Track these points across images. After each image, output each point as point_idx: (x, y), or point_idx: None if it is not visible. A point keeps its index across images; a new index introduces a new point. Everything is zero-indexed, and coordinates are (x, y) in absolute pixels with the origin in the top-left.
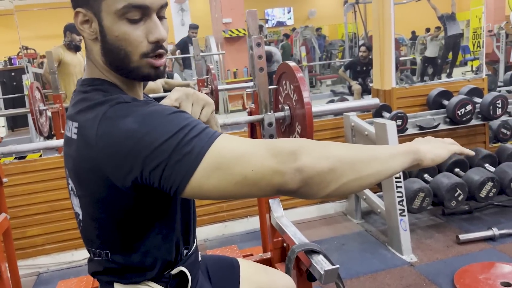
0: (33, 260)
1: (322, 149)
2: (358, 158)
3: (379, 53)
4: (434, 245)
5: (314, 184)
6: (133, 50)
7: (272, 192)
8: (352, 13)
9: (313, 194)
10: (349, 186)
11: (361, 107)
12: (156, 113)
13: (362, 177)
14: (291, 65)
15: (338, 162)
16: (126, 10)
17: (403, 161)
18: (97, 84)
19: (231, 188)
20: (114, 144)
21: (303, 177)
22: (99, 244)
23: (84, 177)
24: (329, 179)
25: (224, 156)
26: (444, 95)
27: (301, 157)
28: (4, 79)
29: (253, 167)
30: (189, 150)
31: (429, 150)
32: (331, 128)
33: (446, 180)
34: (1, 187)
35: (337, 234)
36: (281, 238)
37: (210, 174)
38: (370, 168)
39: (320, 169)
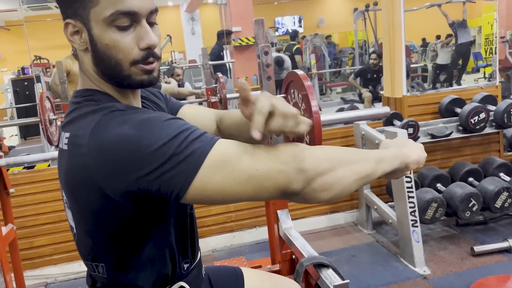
0: (41, 271)
1: (322, 151)
2: (355, 159)
3: (390, 60)
4: (448, 257)
5: (317, 185)
6: (123, 57)
7: (277, 193)
8: (362, 20)
9: (317, 197)
10: (350, 187)
11: (371, 116)
12: (152, 119)
13: (361, 178)
14: (299, 74)
15: (338, 163)
16: (114, 18)
17: (392, 163)
18: (89, 95)
19: (236, 187)
20: (108, 151)
21: (307, 177)
22: (93, 258)
23: (76, 188)
24: (331, 181)
25: (228, 154)
26: (457, 103)
27: (303, 159)
28: (17, 88)
29: (258, 167)
30: (190, 152)
31: (413, 151)
32: (341, 137)
33: (459, 190)
34: (8, 197)
35: (347, 245)
36: (290, 250)
37: (215, 173)
38: (366, 168)
39: (322, 170)
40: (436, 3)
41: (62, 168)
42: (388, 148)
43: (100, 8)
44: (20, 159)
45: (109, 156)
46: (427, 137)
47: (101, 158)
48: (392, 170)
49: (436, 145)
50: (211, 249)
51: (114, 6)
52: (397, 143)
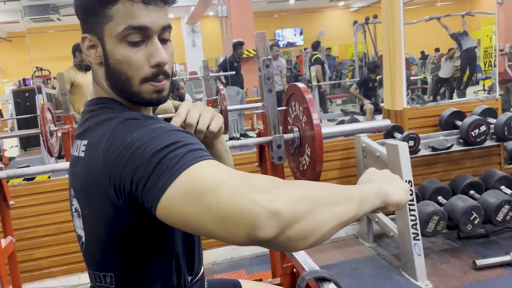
0: (40, 283)
1: (301, 190)
2: (337, 200)
3: (390, 73)
4: (450, 270)
5: (294, 233)
6: (134, 74)
7: (241, 237)
8: (362, 33)
9: (292, 247)
10: (330, 233)
11: (372, 128)
12: (158, 128)
13: (342, 221)
14: (300, 86)
15: (319, 205)
16: (126, 33)
17: (374, 202)
18: (103, 102)
19: (195, 218)
20: (116, 157)
21: (280, 223)
22: (102, 267)
23: (90, 195)
24: (311, 227)
25: (196, 180)
26: (457, 116)
27: (278, 199)
28: (18, 100)
29: (219, 199)
30: (170, 166)
31: (395, 192)
32: (342, 149)
33: (461, 203)
34: (7, 209)
35: (348, 258)
36: (291, 264)
37: (178, 196)
38: (349, 210)
39: (300, 215)
40: (435, 16)
41: (78, 175)
42: (371, 183)
43: (113, 24)
44: (21, 171)
45: (116, 162)
46: (428, 149)
47: (111, 164)
48: (372, 210)
49: (437, 158)
50: (211, 262)
51: (126, 22)
52: (383, 176)
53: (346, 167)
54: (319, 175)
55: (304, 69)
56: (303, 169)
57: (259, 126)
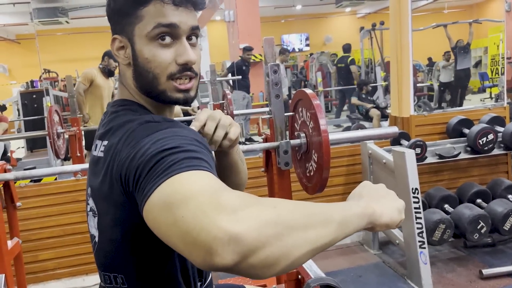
0: (44, 285)
1: (271, 211)
2: (312, 223)
3: (397, 80)
4: (456, 279)
5: (258, 260)
6: (160, 72)
7: (198, 259)
8: (368, 39)
9: (257, 274)
10: (301, 259)
11: (379, 135)
12: (170, 131)
13: (316, 247)
14: (308, 92)
15: (289, 229)
16: (156, 31)
17: (358, 224)
18: (127, 104)
19: (163, 228)
20: (127, 157)
21: (242, 249)
22: (113, 268)
23: (106, 194)
24: (278, 254)
25: (173, 189)
26: (465, 124)
27: (243, 221)
28: (26, 101)
29: (185, 213)
30: (161, 171)
31: (385, 212)
32: (348, 155)
33: (468, 211)
34: (14, 211)
35: (353, 265)
36: (296, 270)
37: (156, 203)
38: (325, 235)
39: (265, 240)
40: (443, 24)
41: (96, 175)
42: (360, 199)
43: (143, 23)
44: (29, 173)
45: (125, 161)
46: (434, 157)
47: (122, 163)
48: (355, 232)
49: (444, 165)
50: None
51: (156, 20)
52: (375, 192)
53: (352, 173)
54: (325, 181)
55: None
56: (310, 175)
57: (265, 131)
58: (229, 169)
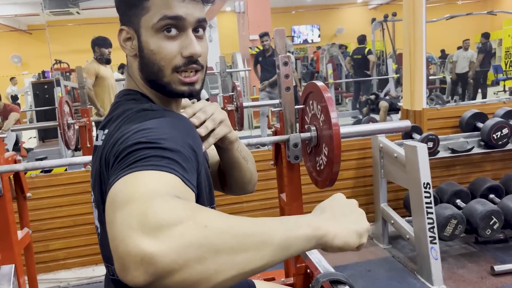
0: (54, 274)
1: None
2: (243, 246)
3: (410, 72)
4: (467, 275)
5: (173, 282)
6: (166, 64)
7: (116, 269)
8: (380, 31)
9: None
10: (226, 283)
11: (391, 129)
12: (161, 122)
13: (244, 272)
14: (319, 85)
15: (213, 252)
16: (162, 23)
17: (304, 246)
18: (130, 94)
19: (107, 226)
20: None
21: (156, 270)
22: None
23: (101, 184)
24: (197, 278)
25: (122, 188)
26: (478, 117)
27: (162, 240)
28: (37, 92)
29: (117, 218)
30: (126, 164)
31: (339, 235)
32: (358, 149)
33: (480, 207)
34: (25, 201)
35: (362, 260)
36: (305, 264)
37: (109, 196)
38: (257, 259)
39: (184, 263)
40: (456, 15)
41: (94, 164)
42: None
43: (149, 15)
44: (38, 164)
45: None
46: (447, 151)
47: (110, 149)
48: (298, 254)
49: (456, 160)
50: None
51: (162, 12)
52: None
53: (362, 167)
54: (336, 176)
55: (321, 66)
56: (320, 169)
57: (275, 124)
58: (230, 166)
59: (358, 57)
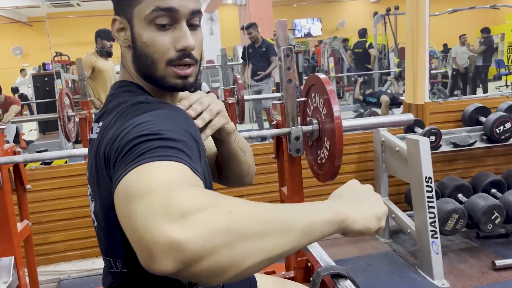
0: (55, 267)
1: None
2: (269, 231)
3: (412, 66)
4: (468, 270)
5: (202, 269)
6: (159, 57)
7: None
8: (382, 24)
9: (201, 282)
10: (253, 269)
11: (393, 122)
12: (156, 114)
13: (270, 257)
14: (321, 77)
15: (240, 237)
16: (154, 15)
17: (326, 231)
18: (125, 85)
19: (121, 218)
20: (113, 138)
21: (184, 257)
22: (112, 253)
23: (96, 177)
24: (225, 263)
25: (136, 180)
26: (481, 112)
27: (189, 227)
28: (38, 84)
29: (137, 209)
30: (133, 156)
31: (359, 219)
32: (360, 143)
33: (482, 201)
34: (24, 193)
35: (363, 254)
36: (305, 258)
37: (120, 192)
38: (283, 244)
39: (212, 249)
40: (459, 9)
41: (90, 157)
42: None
43: (142, 6)
44: (38, 156)
45: (116, 145)
46: (449, 145)
47: (112, 146)
48: (321, 239)
49: (458, 154)
50: None
51: (155, 3)
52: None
53: (364, 161)
54: (337, 169)
55: (322, 60)
56: (321, 163)
57: (276, 117)
58: (227, 158)
59: (359, 51)
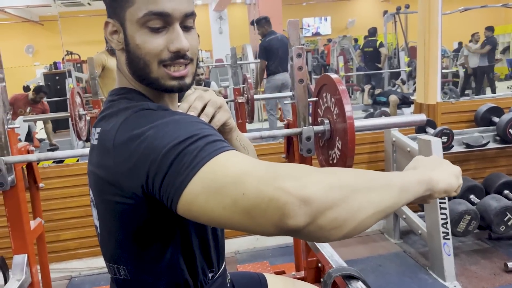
0: (66, 264)
1: (333, 176)
2: (374, 186)
3: (424, 65)
4: (480, 272)
5: (327, 221)
6: (151, 59)
7: (270, 227)
8: (392, 23)
9: (325, 236)
10: (367, 222)
11: (406, 123)
12: (174, 120)
13: (380, 210)
14: (333, 77)
15: (353, 191)
16: (147, 18)
17: (417, 190)
18: (124, 93)
19: (220, 212)
20: (128, 149)
21: (312, 210)
22: (115, 260)
23: (101, 185)
24: (345, 215)
25: (218, 173)
26: (494, 112)
27: (307, 185)
28: (49, 83)
29: (245, 190)
30: (188, 161)
31: (442, 178)
32: (370, 143)
33: (495, 203)
34: (37, 191)
35: (373, 254)
36: (316, 258)
37: (200, 191)
38: (387, 198)
39: (332, 201)
40: (471, 7)
41: (91, 164)
42: (415, 170)
43: (134, 8)
44: (51, 155)
45: (128, 154)
46: (461, 146)
47: (121, 155)
48: (415, 198)
49: (470, 155)
50: (233, 251)
51: (148, 7)
52: (429, 162)
53: (374, 161)
54: None
55: (332, 59)
56: (333, 163)
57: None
58: None
59: (370, 50)
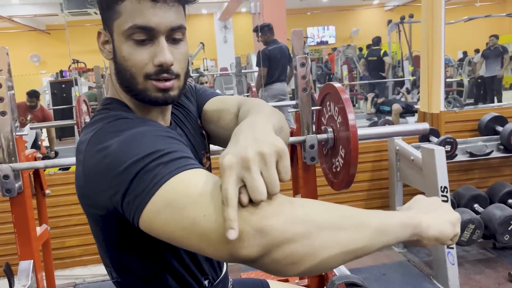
0: (70, 271)
1: (299, 210)
2: (344, 225)
3: (428, 74)
4: (484, 281)
5: (282, 256)
6: (137, 71)
7: (225, 253)
8: (396, 32)
9: (280, 270)
10: (330, 262)
11: (409, 132)
12: (140, 133)
13: (347, 251)
14: (336, 86)
15: (318, 228)
16: (131, 31)
17: (400, 234)
18: (108, 103)
19: (179, 232)
20: (95, 163)
21: (267, 242)
22: (106, 262)
23: (79, 195)
24: (304, 252)
25: (179, 191)
26: (498, 121)
27: (268, 216)
28: (55, 91)
29: (206, 213)
30: (149, 178)
31: (433, 224)
32: (374, 151)
33: (499, 212)
34: (43, 198)
35: (377, 263)
36: None
37: (161, 210)
38: (358, 239)
39: (291, 236)
40: (474, 17)
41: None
42: (408, 210)
43: (121, 20)
44: (58, 162)
45: (95, 168)
46: (465, 155)
47: (90, 168)
48: (397, 242)
49: (474, 164)
50: None
51: (133, 20)
52: (425, 205)
53: (378, 169)
54: (352, 178)
55: (336, 68)
56: (336, 171)
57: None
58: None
59: (373, 59)
